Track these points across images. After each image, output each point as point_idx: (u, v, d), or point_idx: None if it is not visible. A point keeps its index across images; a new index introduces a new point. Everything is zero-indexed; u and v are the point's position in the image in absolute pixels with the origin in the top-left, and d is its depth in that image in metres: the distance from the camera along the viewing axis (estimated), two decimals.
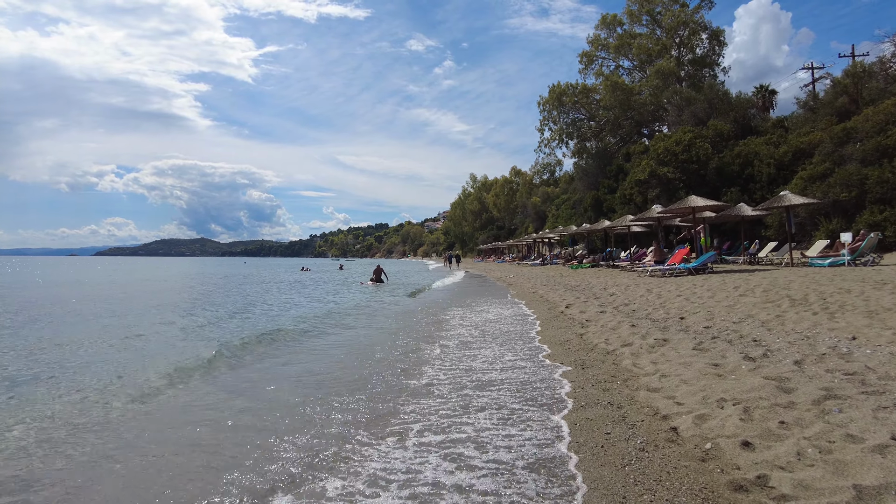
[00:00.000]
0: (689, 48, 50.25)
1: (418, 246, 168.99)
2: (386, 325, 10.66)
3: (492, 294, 17.64)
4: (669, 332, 6.82)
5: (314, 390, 5.43)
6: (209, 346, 8.08)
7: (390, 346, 7.93)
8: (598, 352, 6.46)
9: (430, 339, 8.38)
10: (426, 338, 8.57)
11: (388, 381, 5.71)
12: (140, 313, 14.01)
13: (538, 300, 13.90)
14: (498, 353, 7.00)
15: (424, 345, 7.90)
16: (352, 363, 6.88)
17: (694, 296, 10.06)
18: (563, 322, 9.23)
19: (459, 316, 11.48)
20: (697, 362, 5.07)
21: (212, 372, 6.46)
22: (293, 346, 8.44)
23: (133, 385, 5.76)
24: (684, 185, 29.76)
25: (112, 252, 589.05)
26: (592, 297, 12.36)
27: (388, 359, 7.01)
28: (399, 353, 7.40)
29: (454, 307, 13.53)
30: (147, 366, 6.72)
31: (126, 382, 5.89)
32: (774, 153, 27.27)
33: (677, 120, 39.73)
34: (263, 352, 7.91)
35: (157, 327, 10.92)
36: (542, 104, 53.35)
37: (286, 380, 6.04)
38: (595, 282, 17.80)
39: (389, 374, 6.04)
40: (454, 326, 9.75)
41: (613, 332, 7.34)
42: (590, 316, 9.14)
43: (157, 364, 6.78)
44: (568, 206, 55.78)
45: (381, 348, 7.82)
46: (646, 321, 7.87)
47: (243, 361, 7.16)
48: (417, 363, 6.61)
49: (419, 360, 6.83)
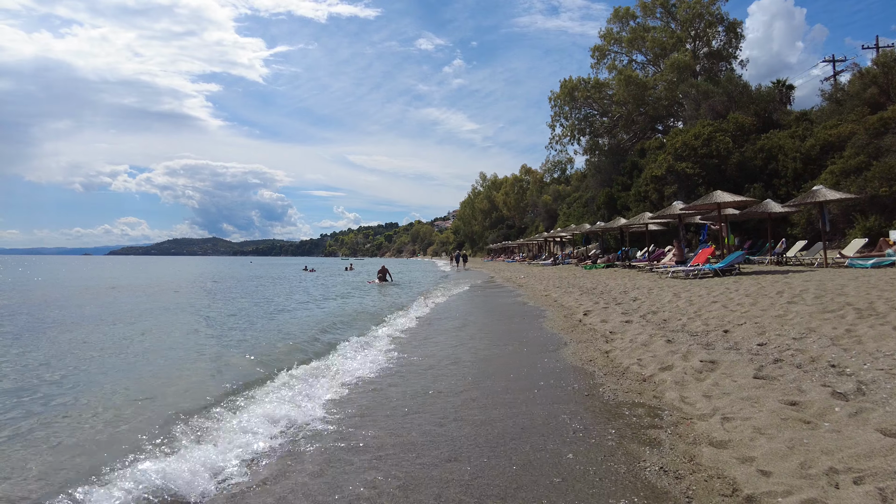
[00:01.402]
0: (704, 41, 48.69)
1: (428, 245, 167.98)
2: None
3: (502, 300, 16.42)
4: (716, 350, 5.60)
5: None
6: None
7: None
8: (630, 378, 5.25)
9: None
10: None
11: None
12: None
13: (552, 305, 12.68)
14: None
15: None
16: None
17: (731, 302, 8.79)
18: (583, 333, 8.02)
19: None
20: (767, 398, 3.87)
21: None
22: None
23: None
24: (704, 181, 28.33)
25: (125, 251, 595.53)
26: (613, 302, 11.12)
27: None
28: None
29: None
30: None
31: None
32: (800, 147, 25.76)
33: (694, 114, 38.22)
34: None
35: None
36: (554, 99, 51.94)
37: None
38: (612, 284, 16.54)
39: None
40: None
41: (645, 348, 6.13)
42: (614, 326, 7.93)
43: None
44: (580, 205, 54.39)
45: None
46: (682, 335, 6.65)
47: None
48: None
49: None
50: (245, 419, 4.35)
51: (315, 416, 4.52)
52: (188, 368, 6.85)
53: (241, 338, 9.49)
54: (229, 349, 8.12)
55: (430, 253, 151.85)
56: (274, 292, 22.70)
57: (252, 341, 9.02)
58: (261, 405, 4.78)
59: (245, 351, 7.77)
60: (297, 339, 8.96)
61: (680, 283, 13.95)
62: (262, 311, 14.76)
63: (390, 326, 10.38)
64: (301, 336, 9.29)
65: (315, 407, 4.79)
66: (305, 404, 4.84)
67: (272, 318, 13.07)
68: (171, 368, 6.92)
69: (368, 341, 8.53)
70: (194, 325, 11.74)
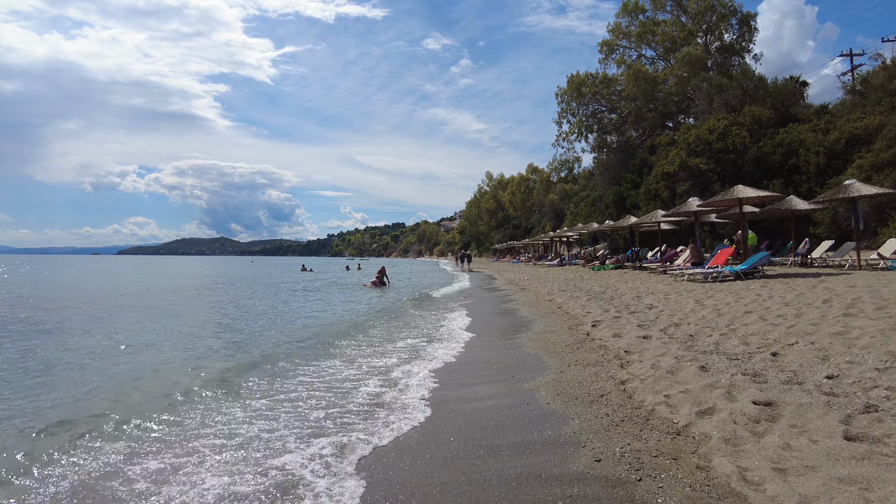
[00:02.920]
0: (716, 35, 47.00)
1: (434, 245, 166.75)
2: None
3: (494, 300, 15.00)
4: (770, 384, 4.17)
5: None
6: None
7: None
8: (658, 428, 3.81)
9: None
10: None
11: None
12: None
13: (554, 312, 11.24)
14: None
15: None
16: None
17: (769, 313, 7.34)
18: (591, 353, 6.59)
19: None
20: (882, 480, 2.46)
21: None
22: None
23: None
24: (719, 178, 26.73)
25: (134, 251, 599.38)
26: (625, 309, 9.68)
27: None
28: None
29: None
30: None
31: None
32: (823, 141, 24.11)
33: (707, 109, 36.53)
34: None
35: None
36: (561, 95, 50.42)
37: None
38: (623, 287, 15.07)
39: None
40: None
41: (673, 378, 4.71)
42: (629, 343, 6.50)
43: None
44: (587, 204, 52.85)
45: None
46: (718, 358, 5.21)
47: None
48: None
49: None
50: None
51: None
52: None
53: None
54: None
55: (437, 253, 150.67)
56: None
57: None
58: None
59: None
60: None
61: (700, 288, 12.47)
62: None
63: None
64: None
65: None
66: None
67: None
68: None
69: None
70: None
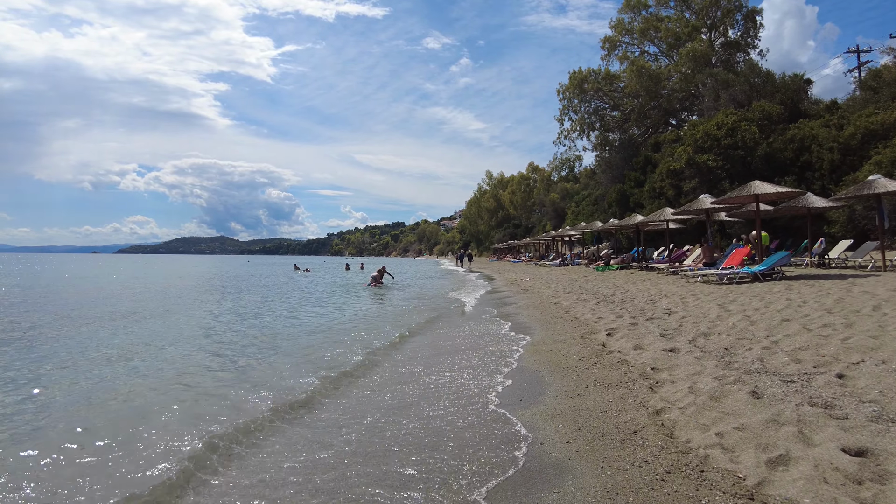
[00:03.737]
0: (721, 31, 46.04)
1: (434, 245, 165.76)
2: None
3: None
4: (853, 420, 3.26)
5: None
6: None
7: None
8: (717, 484, 2.85)
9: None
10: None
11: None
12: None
13: (562, 317, 10.32)
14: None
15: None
16: None
17: (810, 321, 6.42)
18: (611, 369, 5.66)
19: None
20: None
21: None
22: None
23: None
24: (727, 175, 25.78)
25: (134, 249, 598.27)
26: (641, 315, 8.77)
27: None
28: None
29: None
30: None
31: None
32: (837, 136, 23.17)
33: (713, 105, 35.57)
34: None
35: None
36: (562, 92, 49.39)
37: None
38: (633, 289, 14.17)
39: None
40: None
41: (719, 407, 3.79)
42: (654, 357, 5.58)
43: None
44: (589, 203, 51.90)
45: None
46: (770, 380, 4.30)
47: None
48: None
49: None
50: None
51: None
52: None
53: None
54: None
55: (437, 252, 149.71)
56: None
57: None
58: None
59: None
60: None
61: (718, 291, 11.56)
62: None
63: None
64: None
65: None
66: None
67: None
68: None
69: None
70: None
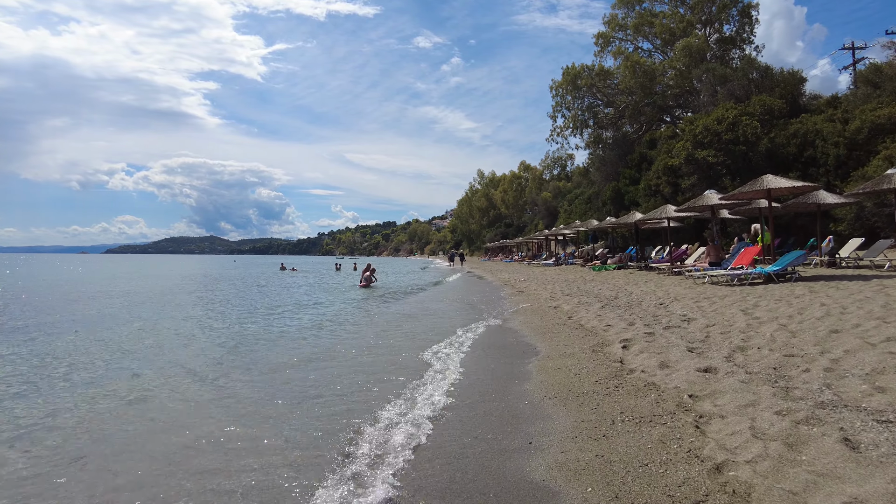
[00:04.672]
0: (716, 28, 45.27)
1: (425, 244, 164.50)
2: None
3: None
4: None
5: None
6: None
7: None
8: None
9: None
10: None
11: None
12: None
13: (564, 324, 9.23)
14: None
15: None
16: None
17: (867, 333, 5.37)
18: (636, 396, 4.55)
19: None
20: None
21: None
22: None
23: None
24: (728, 171, 24.86)
25: (122, 250, 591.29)
26: (655, 322, 7.70)
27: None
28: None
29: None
30: None
31: None
32: (843, 131, 22.32)
33: (711, 100, 34.72)
34: None
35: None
36: (555, 88, 48.26)
37: None
38: (637, 291, 13.13)
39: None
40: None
41: (799, 459, 2.71)
42: (688, 380, 4.50)
43: None
44: (582, 201, 50.99)
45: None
46: (857, 419, 3.23)
47: None
48: None
49: None
50: None
51: None
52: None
53: None
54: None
55: (428, 252, 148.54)
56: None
57: None
58: None
59: None
60: None
61: (733, 293, 10.53)
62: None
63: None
64: None
65: None
66: None
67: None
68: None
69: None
70: None
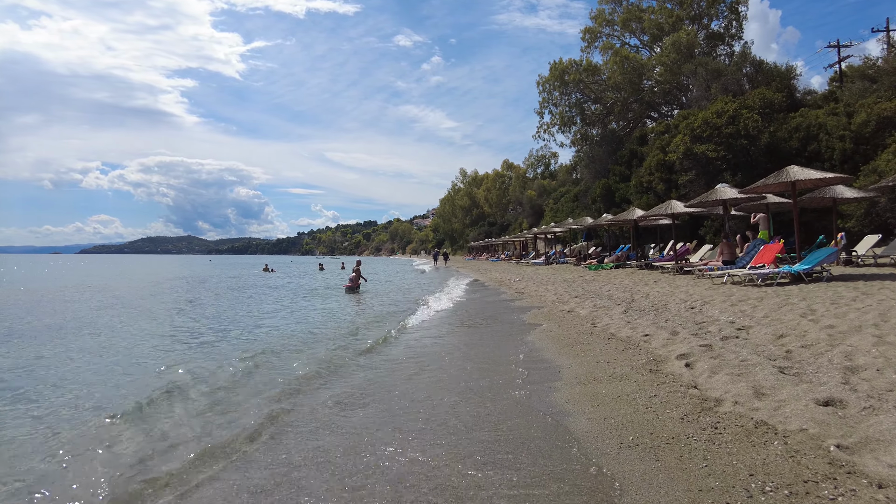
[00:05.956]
0: (704, 24, 44.65)
1: (407, 244, 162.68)
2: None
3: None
4: None
5: None
6: None
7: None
8: None
9: None
10: None
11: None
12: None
13: (592, 333, 7.87)
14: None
15: None
16: None
17: None
18: (753, 445, 3.16)
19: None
20: None
21: None
22: None
23: None
24: (728, 167, 23.87)
25: (97, 250, 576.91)
26: (701, 330, 6.37)
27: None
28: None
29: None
30: None
31: None
32: (848, 124, 21.49)
33: (704, 95, 33.87)
34: None
35: None
36: (542, 83, 47.09)
37: None
38: (652, 292, 11.87)
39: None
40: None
41: None
42: (814, 421, 3.15)
43: None
44: (569, 199, 49.98)
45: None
46: None
47: None
48: None
49: None
50: None
51: None
52: None
53: None
54: None
55: (409, 251, 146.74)
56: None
57: None
58: None
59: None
60: None
61: (768, 295, 9.28)
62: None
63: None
64: None
65: None
66: None
67: None
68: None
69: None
70: None
